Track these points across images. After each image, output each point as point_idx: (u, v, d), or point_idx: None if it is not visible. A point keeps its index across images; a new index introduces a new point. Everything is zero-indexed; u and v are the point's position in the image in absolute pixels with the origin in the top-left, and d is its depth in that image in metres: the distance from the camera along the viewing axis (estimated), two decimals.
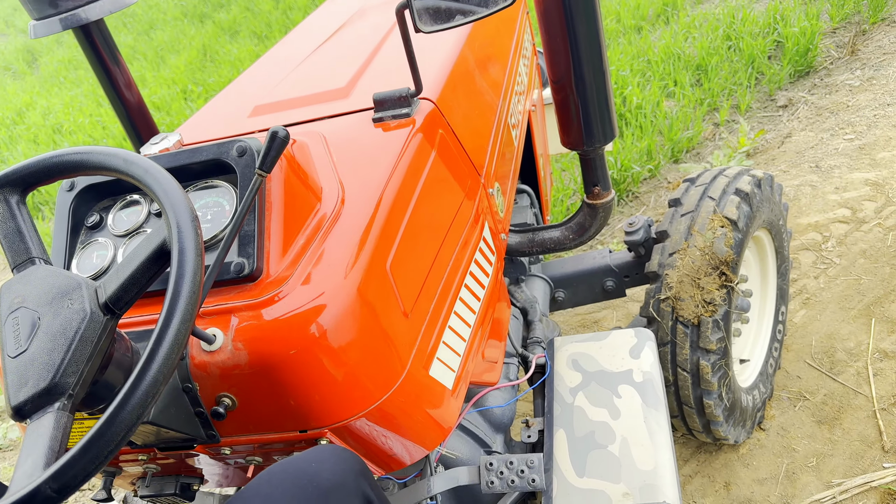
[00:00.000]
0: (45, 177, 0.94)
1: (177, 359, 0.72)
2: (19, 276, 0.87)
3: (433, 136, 1.32)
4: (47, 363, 0.77)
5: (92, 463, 0.66)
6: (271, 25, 8.19)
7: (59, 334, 0.79)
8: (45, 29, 1.57)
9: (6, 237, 0.92)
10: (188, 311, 0.73)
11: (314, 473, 0.88)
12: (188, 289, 0.74)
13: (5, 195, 0.93)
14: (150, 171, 0.84)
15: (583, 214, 1.76)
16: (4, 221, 0.92)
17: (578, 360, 1.71)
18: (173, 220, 0.78)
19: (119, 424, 0.68)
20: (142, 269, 0.81)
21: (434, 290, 1.17)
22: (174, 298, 0.73)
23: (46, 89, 8.34)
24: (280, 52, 2.08)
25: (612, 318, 3.06)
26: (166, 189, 0.82)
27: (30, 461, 0.71)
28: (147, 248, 0.81)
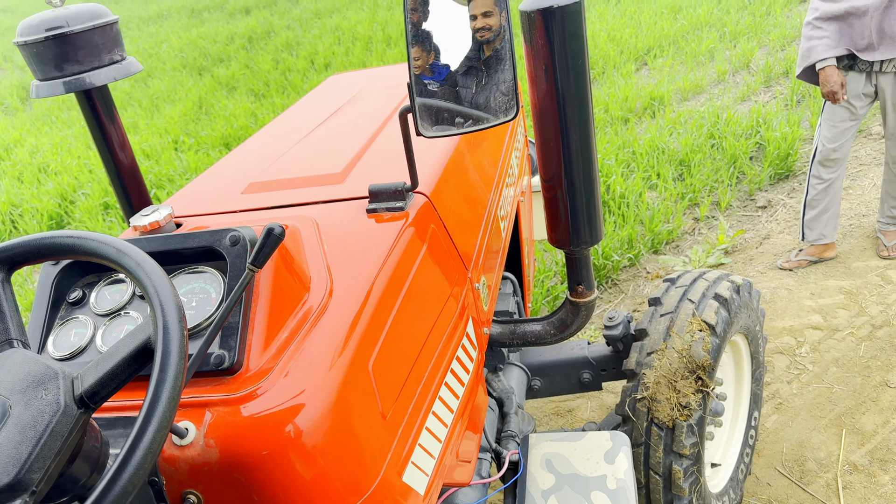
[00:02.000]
0: (34, 257, 0.92)
1: (150, 466, 0.70)
2: None
3: (425, 231, 1.33)
4: (13, 457, 0.74)
5: None
6: (269, 84, 8.33)
7: (28, 427, 0.76)
8: (47, 90, 1.58)
9: None
10: (165, 420, 0.71)
11: None
12: (168, 396, 0.72)
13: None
14: (142, 265, 0.83)
15: (565, 311, 1.77)
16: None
17: (553, 460, 1.69)
18: (160, 321, 0.77)
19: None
20: (122, 365, 0.79)
21: (414, 390, 1.16)
22: (152, 405, 0.71)
23: (37, 127, 8.34)
24: (277, 128, 2.10)
25: (587, 408, 3.04)
26: (157, 287, 0.81)
27: None
28: (130, 344, 0.80)
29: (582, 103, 1.44)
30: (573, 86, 1.41)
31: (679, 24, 8.01)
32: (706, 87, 6.40)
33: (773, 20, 7.66)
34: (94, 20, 1.57)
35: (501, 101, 1.10)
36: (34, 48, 1.57)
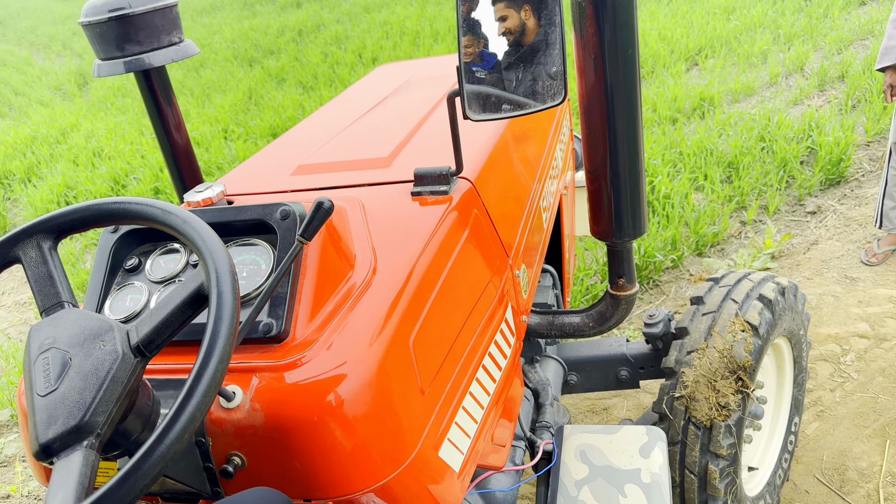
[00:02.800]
0: (81, 225, 0.96)
1: (208, 406, 0.73)
2: (49, 319, 0.89)
3: (468, 216, 1.35)
4: (78, 402, 0.78)
5: (128, 495, 0.67)
6: (317, 77, 8.43)
7: (90, 374, 0.80)
8: (108, 69, 1.64)
9: (37, 281, 0.94)
10: (225, 354, 0.74)
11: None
12: (225, 331, 0.75)
13: (38, 241, 0.95)
14: (188, 221, 0.87)
15: (605, 304, 1.77)
16: (36, 266, 0.94)
17: (587, 451, 1.69)
18: (212, 266, 0.80)
19: (151, 464, 0.69)
20: (176, 312, 0.82)
21: (452, 368, 1.18)
22: (211, 341, 0.74)
23: (92, 113, 8.59)
24: (326, 114, 2.14)
25: (622, 407, 3.03)
26: (205, 238, 0.84)
27: (59, 497, 0.71)
28: (183, 292, 0.83)
29: (630, 94, 1.44)
30: (622, 76, 1.41)
31: (732, 25, 7.87)
32: (758, 90, 6.27)
33: (829, 23, 7.47)
34: (155, 2, 1.62)
35: (550, 86, 1.11)
36: (97, 28, 1.63)
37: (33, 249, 0.94)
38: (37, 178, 6.58)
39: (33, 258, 0.93)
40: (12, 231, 0.95)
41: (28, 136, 7.92)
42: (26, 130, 8.16)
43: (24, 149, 7.59)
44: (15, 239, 0.94)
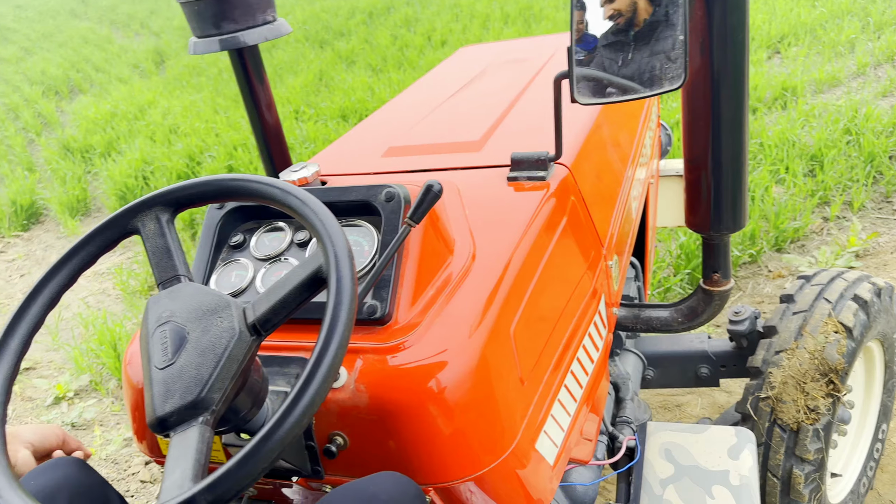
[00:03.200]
0: (199, 199, 0.97)
1: (328, 389, 0.72)
2: (166, 292, 0.90)
3: (565, 203, 1.32)
4: (195, 377, 0.79)
5: (246, 478, 0.67)
6: (386, 60, 8.45)
7: (208, 350, 0.81)
8: (204, 47, 1.66)
9: (154, 254, 0.95)
10: (345, 338, 0.74)
11: (372, 495, 0.89)
12: (345, 317, 0.75)
13: (157, 213, 0.96)
14: (307, 202, 0.86)
15: (696, 299, 1.71)
16: (154, 238, 0.95)
17: (672, 450, 1.65)
18: (331, 250, 0.80)
19: (274, 442, 0.69)
20: (293, 293, 0.82)
21: (549, 360, 1.15)
22: (332, 325, 0.74)
23: (169, 91, 8.82)
24: (412, 96, 2.13)
25: (696, 405, 2.95)
26: (324, 220, 0.83)
27: (178, 472, 0.72)
28: (301, 274, 0.83)
29: (738, 80, 1.38)
30: (730, 61, 1.36)
31: (818, 12, 7.53)
32: (844, 80, 5.99)
33: None
34: None
35: (668, 69, 1.06)
36: (195, 6, 1.64)
37: (152, 222, 0.94)
38: (116, 153, 6.79)
39: (151, 230, 0.94)
40: (131, 203, 0.96)
41: (108, 112, 8.18)
42: (106, 106, 8.43)
43: (104, 124, 7.85)
44: (134, 210, 0.95)
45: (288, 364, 1.02)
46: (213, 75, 9.13)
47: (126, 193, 5.71)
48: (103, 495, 1.07)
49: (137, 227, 0.95)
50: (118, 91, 9.27)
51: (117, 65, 11.18)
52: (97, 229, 0.96)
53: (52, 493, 1.00)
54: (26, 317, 0.91)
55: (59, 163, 6.91)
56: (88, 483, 1.05)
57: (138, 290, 4.51)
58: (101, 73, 10.88)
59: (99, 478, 1.09)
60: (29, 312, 0.91)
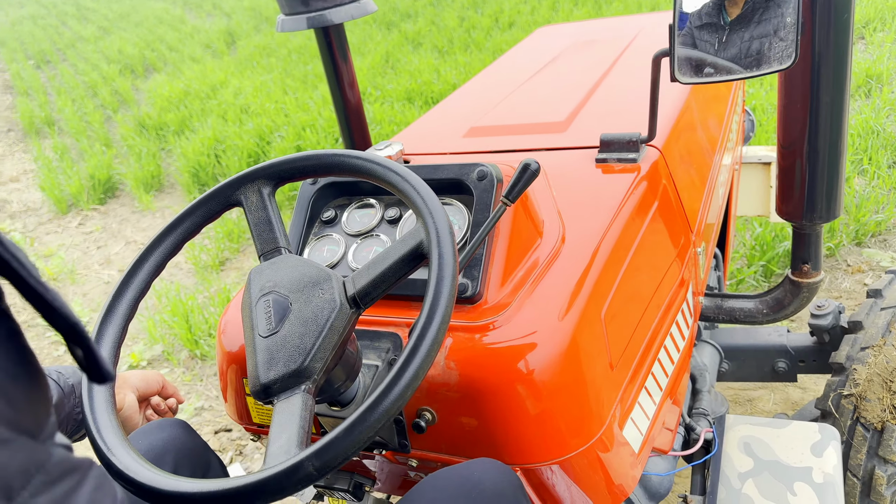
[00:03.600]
0: (300, 173, 0.97)
1: (430, 363, 0.72)
2: (268, 263, 0.91)
3: (656, 187, 1.28)
4: (298, 346, 0.80)
5: (352, 446, 0.68)
6: (453, 42, 8.41)
7: (310, 320, 0.82)
8: (292, 25, 1.67)
9: (256, 225, 0.96)
10: (448, 311, 0.74)
11: (476, 482, 0.88)
12: (448, 290, 0.74)
13: (259, 186, 0.97)
14: (408, 178, 0.86)
15: (783, 290, 1.65)
16: (256, 211, 0.96)
17: (752, 444, 1.60)
18: (432, 226, 0.79)
19: (380, 411, 0.69)
20: (394, 267, 0.82)
21: (638, 346, 1.13)
22: (436, 298, 0.74)
23: (240, 71, 8.99)
24: (491, 77, 2.10)
25: (769, 401, 2.86)
26: (424, 197, 0.83)
27: (284, 438, 0.74)
28: (401, 249, 0.83)
29: (840, 63, 1.32)
30: (833, 43, 1.29)
31: None
32: None
33: None
34: None
35: (778, 48, 1.02)
36: None
37: (254, 194, 0.96)
38: (189, 131, 6.97)
39: (254, 203, 0.95)
40: (235, 175, 0.97)
41: (181, 91, 8.40)
42: (180, 85, 8.66)
43: (177, 102, 8.06)
44: (237, 183, 0.96)
45: (379, 339, 1.03)
46: (282, 56, 9.26)
47: (198, 171, 5.86)
48: (205, 457, 1.10)
49: (240, 199, 0.97)
50: (191, 70, 9.50)
51: (190, 44, 11.46)
52: (202, 199, 0.98)
53: (160, 452, 1.03)
54: (133, 283, 0.93)
55: (135, 139, 7.14)
56: (192, 445, 1.09)
57: (209, 264, 4.63)
58: (174, 52, 11.17)
59: (201, 440, 1.13)
60: (135, 279, 0.94)
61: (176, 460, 1.04)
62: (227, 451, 3.11)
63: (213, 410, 3.40)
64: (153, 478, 0.72)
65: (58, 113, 9.18)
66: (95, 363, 0.49)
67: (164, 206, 5.82)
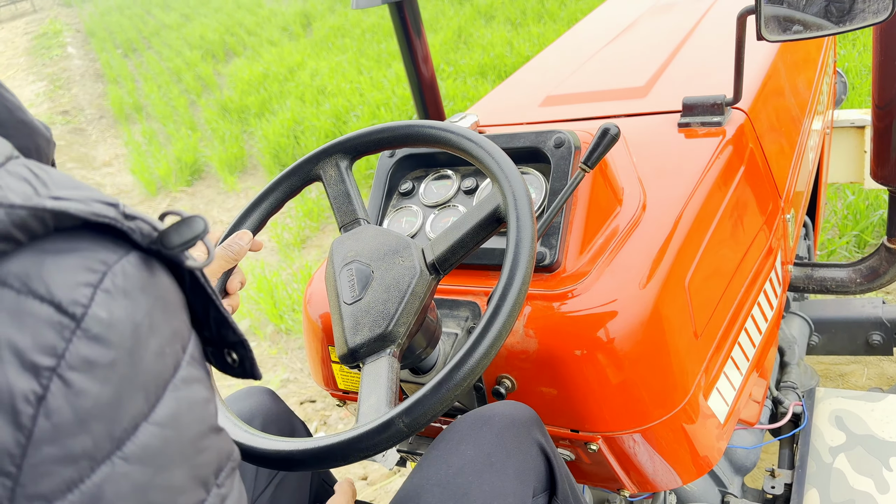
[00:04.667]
0: (376, 146, 0.99)
1: (512, 325, 0.73)
2: (349, 234, 0.94)
3: (743, 151, 1.24)
4: (382, 312, 0.82)
5: (440, 404, 0.70)
6: (526, 13, 8.29)
7: (392, 287, 0.84)
8: (367, 1, 1.69)
9: (336, 199, 0.98)
10: (528, 273, 0.75)
11: (489, 417, 0.89)
12: (527, 253, 0.75)
13: (336, 160, 0.99)
14: (482, 145, 0.86)
15: (878, 258, 1.57)
16: (335, 184, 0.99)
17: (844, 418, 1.54)
18: (509, 190, 0.79)
19: (465, 371, 0.70)
20: (471, 233, 0.83)
21: (724, 315, 1.10)
22: (515, 261, 0.74)
23: (316, 52, 9.14)
24: (569, 42, 2.07)
25: (863, 376, 2.74)
26: (500, 162, 0.83)
27: (373, 398, 0.76)
28: (478, 214, 0.83)
29: None
30: None
31: None
32: None
33: None
34: None
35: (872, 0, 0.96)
36: None
37: (332, 168, 0.98)
38: (269, 113, 7.16)
39: (332, 176, 0.98)
40: (313, 151, 1.00)
41: (261, 74, 8.61)
42: (259, 68, 8.87)
43: (257, 85, 8.27)
44: (316, 158, 0.99)
45: (458, 307, 1.04)
46: (356, 36, 9.35)
47: (279, 152, 6.02)
48: (290, 422, 1.15)
49: (319, 173, 0.99)
50: (269, 53, 9.71)
51: (268, 28, 11.70)
52: (282, 176, 1.01)
53: (247, 418, 1.08)
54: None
55: (218, 123, 7.38)
56: (277, 410, 1.13)
57: (292, 242, 4.76)
58: (253, 36, 11.44)
59: (286, 406, 1.17)
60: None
61: (264, 425, 1.08)
62: (312, 421, 3.22)
63: (297, 382, 3.52)
64: (249, 437, 0.76)
65: (145, 99, 9.57)
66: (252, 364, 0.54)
67: (248, 187, 6.01)
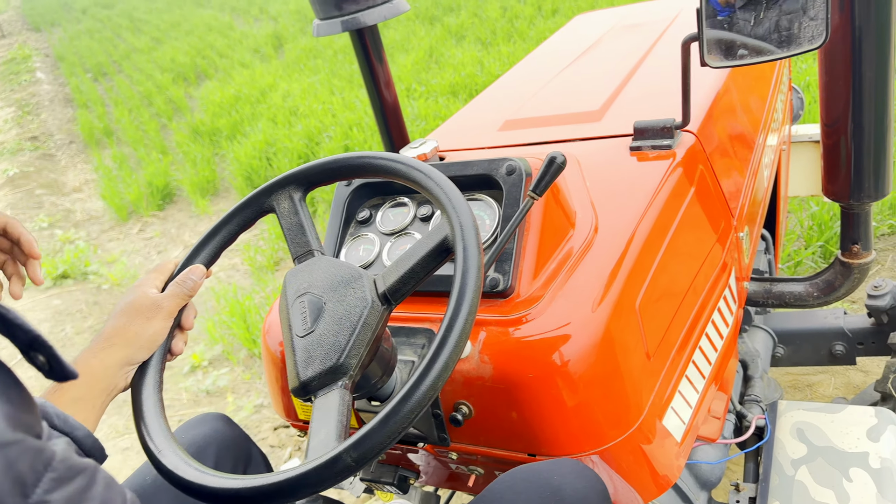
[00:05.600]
0: (328, 177, 1.00)
1: (464, 345, 0.74)
2: (302, 266, 0.94)
3: (693, 172, 1.27)
4: (333, 344, 0.83)
5: (388, 437, 0.70)
6: (496, 33, 8.39)
7: (343, 318, 0.84)
8: (327, 29, 1.70)
9: (289, 230, 0.99)
10: (474, 302, 0.76)
11: (557, 487, 0.87)
12: (473, 282, 0.76)
13: (290, 192, 1.00)
14: (430, 175, 0.88)
15: (834, 272, 1.61)
16: (289, 216, 1.00)
17: (805, 430, 1.57)
18: (455, 220, 0.81)
19: (413, 402, 0.71)
20: (421, 263, 0.84)
21: (677, 335, 1.12)
22: (462, 289, 0.75)
23: (288, 73, 9.15)
24: (528, 67, 2.10)
25: (830, 385, 2.79)
26: (447, 192, 0.85)
27: (323, 432, 0.77)
28: (428, 244, 0.85)
29: (882, 37, 1.28)
30: (874, 16, 1.25)
31: None
32: None
33: None
34: None
35: (807, 27, 0.99)
36: None
37: (286, 200, 0.99)
38: (241, 136, 7.14)
39: (286, 208, 0.99)
40: (266, 183, 1.01)
41: (232, 96, 8.60)
42: (230, 91, 8.86)
43: (229, 108, 8.26)
44: (269, 190, 1.00)
45: (414, 335, 1.05)
46: (328, 57, 9.38)
47: (251, 174, 6.00)
48: (246, 448, 1.14)
49: (273, 205, 1.00)
50: (240, 75, 9.71)
51: (239, 50, 11.71)
52: (236, 209, 1.02)
53: (202, 446, 1.07)
54: None
55: (190, 146, 7.35)
56: (233, 436, 1.13)
57: (265, 265, 4.74)
58: (224, 58, 11.43)
59: (242, 432, 1.17)
60: None
61: (218, 453, 1.08)
62: (287, 447, 3.19)
63: (271, 408, 3.49)
64: (197, 475, 0.76)
65: (115, 123, 9.51)
66: (60, 364, 0.53)
67: (220, 210, 5.98)
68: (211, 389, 3.79)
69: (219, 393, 3.81)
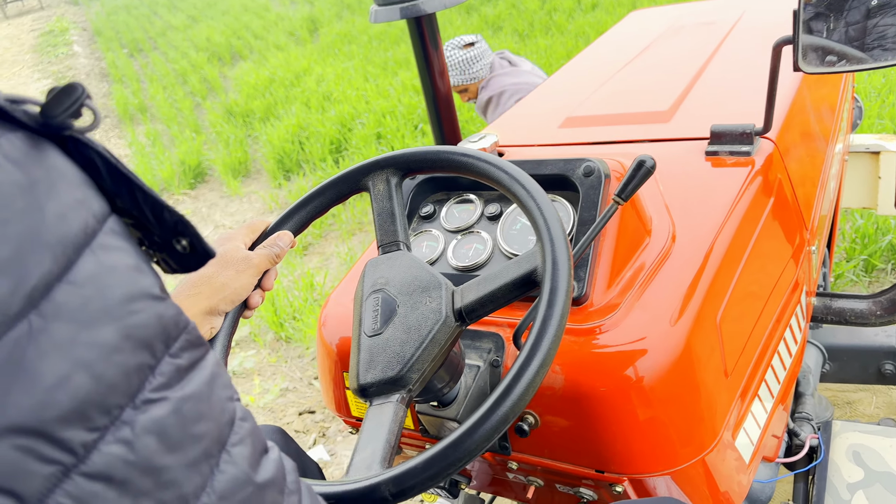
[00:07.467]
0: (429, 166, 0.95)
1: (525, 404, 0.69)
2: (385, 257, 0.90)
3: (772, 182, 1.21)
4: (398, 353, 0.79)
5: (430, 480, 0.66)
6: (533, 24, 8.29)
7: (413, 328, 0.80)
8: (385, 15, 1.66)
9: (380, 215, 0.94)
10: (549, 355, 0.71)
11: None
12: (553, 333, 0.71)
13: (388, 175, 0.95)
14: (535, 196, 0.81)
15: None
16: (382, 200, 0.95)
17: (861, 453, 1.51)
18: (549, 257, 0.76)
19: (462, 451, 0.67)
20: (504, 290, 0.80)
21: (753, 352, 1.07)
22: (537, 340, 0.71)
23: (322, 58, 9.12)
24: (585, 63, 2.04)
25: (871, 404, 2.71)
26: (549, 222, 0.78)
27: (369, 450, 0.73)
28: (515, 271, 0.80)
29: None
30: None
31: None
32: None
33: None
34: None
35: None
36: None
37: (382, 183, 0.94)
38: (274, 118, 7.13)
39: (381, 191, 0.94)
40: (365, 161, 0.96)
41: (266, 78, 8.60)
42: (265, 73, 8.86)
43: (263, 90, 8.25)
44: (367, 169, 0.95)
45: (480, 338, 1.01)
46: (363, 43, 9.34)
47: (283, 157, 5.99)
48: (301, 462, 1.11)
49: (368, 185, 0.95)
50: (275, 58, 9.70)
51: (274, 32, 11.70)
52: (331, 182, 0.97)
53: None
54: None
55: (223, 126, 7.35)
56: (288, 451, 1.10)
57: (294, 249, 4.73)
58: (259, 40, 11.44)
59: (297, 447, 1.14)
60: None
61: None
62: (311, 433, 3.18)
63: (297, 392, 3.48)
64: None
65: (150, 100, 9.55)
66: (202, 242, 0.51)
67: (251, 192, 5.98)
68: (238, 371, 3.79)
69: (245, 374, 3.80)
